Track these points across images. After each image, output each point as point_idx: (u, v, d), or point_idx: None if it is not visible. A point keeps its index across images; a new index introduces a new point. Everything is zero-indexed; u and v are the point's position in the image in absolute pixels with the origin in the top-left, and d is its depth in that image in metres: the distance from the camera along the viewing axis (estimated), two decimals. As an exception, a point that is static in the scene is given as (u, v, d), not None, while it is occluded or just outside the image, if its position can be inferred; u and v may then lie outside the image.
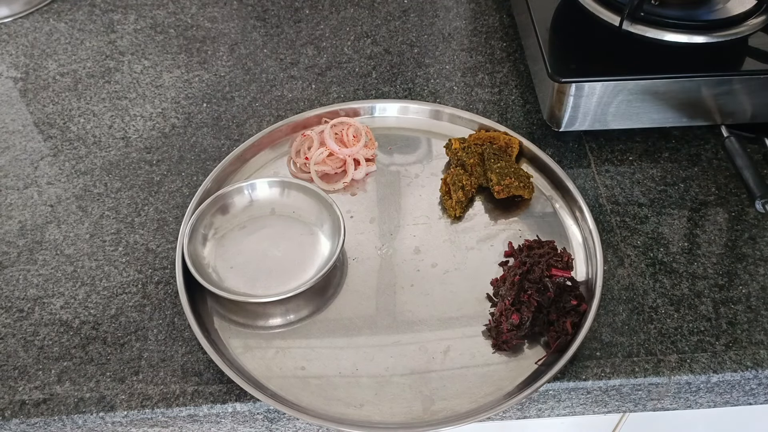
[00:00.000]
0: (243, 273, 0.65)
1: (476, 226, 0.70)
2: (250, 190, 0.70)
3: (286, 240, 0.67)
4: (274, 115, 0.80)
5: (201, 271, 0.64)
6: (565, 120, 0.74)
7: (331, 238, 0.67)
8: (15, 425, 0.58)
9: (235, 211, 0.69)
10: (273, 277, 0.65)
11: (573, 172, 0.74)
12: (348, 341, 0.62)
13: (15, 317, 0.64)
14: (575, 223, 0.69)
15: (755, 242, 0.68)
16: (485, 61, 0.86)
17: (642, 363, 0.60)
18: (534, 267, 0.62)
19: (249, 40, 0.89)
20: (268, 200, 0.70)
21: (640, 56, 0.72)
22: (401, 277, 0.66)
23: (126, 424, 0.59)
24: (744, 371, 0.60)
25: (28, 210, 0.72)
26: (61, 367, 0.61)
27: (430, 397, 0.59)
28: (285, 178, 0.71)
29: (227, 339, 0.62)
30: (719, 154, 0.75)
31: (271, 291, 0.63)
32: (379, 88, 0.83)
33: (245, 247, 0.67)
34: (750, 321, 0.63)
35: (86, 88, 0.84)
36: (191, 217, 0.67)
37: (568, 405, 0.62)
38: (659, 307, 0.64)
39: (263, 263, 0.66)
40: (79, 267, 0.67)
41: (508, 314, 0.60)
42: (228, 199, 0.69)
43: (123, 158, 0.76)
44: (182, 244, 0.65)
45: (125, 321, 0.64)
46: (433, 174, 0.74)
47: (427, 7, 0.94)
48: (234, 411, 0.59)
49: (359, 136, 0.74)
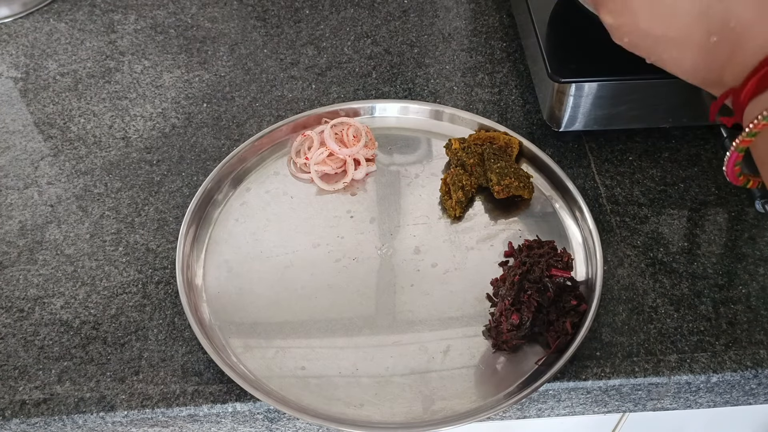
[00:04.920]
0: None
1: (476, 226, 0.70)
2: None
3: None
4: (274, 115, 0.80)
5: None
6: (565, 120, 0.74)
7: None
8: (15, 425, 0.58)
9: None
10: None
11: (573, 172, 0.74)
12: (348, 341, 0.62)
13: (15, 317, 0.64)
14: (575, 223, 0.69)
15: (755, 242, 0.68)
16: (485, 61, 0.86)
17: (642, 363, 0.60)
18: (534, 267, 0.62)
19: (249, 40, 0.89)
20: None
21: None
22: (401, 277, 0.66)
23: (126, 424, 0.59)
24: (744, 371, 0.60)
25: (29, 210, 0.72)
26: (62, 367, 0.61)
27: (430, 397, 0.59)
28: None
29: (227, 339, 0.62)
30: (719, 154, 0.75)
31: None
32: (379, 88, 0.83)
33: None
34: (750, 321, 0.63)
35: (86, 88, 0.84)
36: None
37: (568, 405, 0.62)
38: (659, 307, 0.64)
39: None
40: (80, 267, 0.67)
41: (508, 314, 0.60)
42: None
43: (123, 158, 0.76)
44: (182, 245, 0.65)
45: (125, 321, 0.64)
46: (433, 174, 0.74)
47: (427, 7, 0.94)
48: (234, 411, 0.59)
49: (359, 136, 0.74)
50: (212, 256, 0.68)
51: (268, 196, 0.72)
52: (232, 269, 0.67)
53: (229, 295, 0.65)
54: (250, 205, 0.72)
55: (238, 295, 0.65)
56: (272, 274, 0.66)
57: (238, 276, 0.66)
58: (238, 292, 0.65)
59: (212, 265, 0.67)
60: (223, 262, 0.67)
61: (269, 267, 0.67)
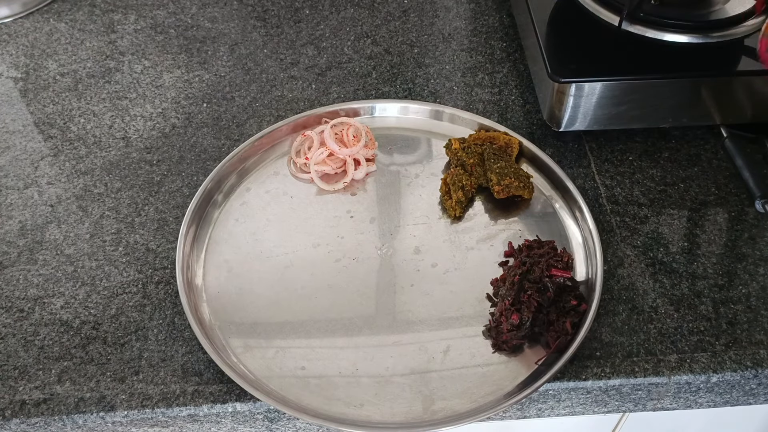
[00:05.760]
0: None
1: (476, 226, 0.70)
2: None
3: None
4: (274, 115, 0.80)
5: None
6: (565, 120, 0.74)
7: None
8: (15, 425, 0.58)
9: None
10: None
11: (573, 172, 0.74)
12: (348, 341, 0.62)
13: (15, 317, 0.64)
14: (575, 223, 0.69)
15: (755, 242, 0.68)
16: (485, 61, 0.86)
17: (642, 363, 0.60)
18: (534, 267, 0.62)
19: (249, 40, 0.89)
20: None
21: (639, 56, 0.72)
22: (401, 277, 0.66)
23: (126, 424, 0.59)
24: (744, 371, 0.60)
25: (29, 210, 0.72)
26: (62, 367, 0.61)
27: (430, 397, 0.59)
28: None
29: (227, 339, 0.62)
30: (719, 154, 0.75)
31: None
32: (379, 88, 0.83)
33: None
34: (750, 321, 0.63)
35: (86, 88, 0.84)
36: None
37: (568, 405, 0.62)
38: (659, 307, 0.64)
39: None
40: (80, 267, 0.67)
41: (508, 314, 0.60)
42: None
43: (123, 158, 0.76)
44: (182, 245, 0.65)
45: (125, 321, 0.64)
46: (433, 174, 0.74)
47: (427, 7, 0.94)
48: (234, 411, 0.59)
49: (359, 136, 0.74)
50: (212, 256, 0.68)
51: (268, 196, 0.72)
52: (232, 269, 0.67)
53: (229, 295, 0.65)
54: (250, 205, 0.72)
55: (238, 295, 0.65)
56: (272, 274, 0.66)
57: (238, 276, 0.66)
58: (238, 292, 0.65)
59: (212, 265, 0.67)
60: (223, 262, 0.67)
61: (269, 267, 0.67)
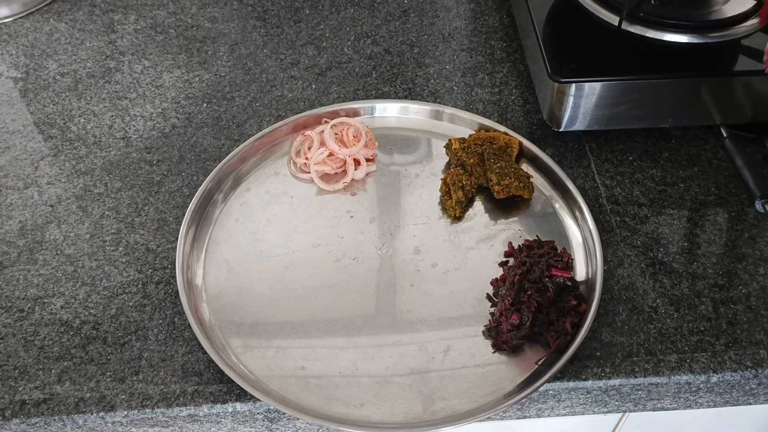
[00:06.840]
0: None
1: (476, 226, 0.70)
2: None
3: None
4: (274, 115, 0.80)
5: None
6: (565, 120, 0.74)
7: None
8: (15, 425, 0.58)
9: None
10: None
11: (573, 172, 0.74)
12: (348, 341, 0.62)
13: (15, 317, 0.64)
14: (575, 223, 0.69)
15: (755, 242, 0.68)
16: (485, 61, 0.86)
17: (642, 363, 0.60)
18: (534, 267, 0.62)
19: (249, 40, 0.89)
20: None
21: (639, 56, 0.72)
22: (401, 277, 0.66)
23: (126, 423, 0.59)
24: (744, 371, 0.60)
25: (29, 210, 0.72)
26: (62, 367, 0.61)
27: (430, 397, 0.59)
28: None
29: (227, 339, 0.62)
30: (719, 154, 0.75)
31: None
32: (379, 88, 0.83)
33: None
34: (750, 321, 0.63)
35: (86, 88, 0.84)
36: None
37: (568, 405, 0.62)
38: (659, 307, 0.64)
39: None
40: (80, 267, 0.67)
41: (508, 314, 0.60)
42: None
43: (123, 158, 0.76)
44: (182, 245, 0.65)
45: (125, 321, 0.64)
46: (433, 174, 0.74)
47: (427, 7, 0.94)
48: (234, 411, 0.59)
49: (359, 136, 0.74)
50: (212, 256, 0.68)
51: (268, 196, 0.72)
52: (232, 269, 0.67)
53: (229, 295, 0.65)
54: (250, 205, 0.72)
55: (238, 295, 0.65)
56: (272, 274, 0.66)
57: (238, 276, 0.66)
58: (238, 292, 0.65)
59: (212, 265, 0.67)
60: (223, 262, 0.67)
61: (269, 267, 0.67)
